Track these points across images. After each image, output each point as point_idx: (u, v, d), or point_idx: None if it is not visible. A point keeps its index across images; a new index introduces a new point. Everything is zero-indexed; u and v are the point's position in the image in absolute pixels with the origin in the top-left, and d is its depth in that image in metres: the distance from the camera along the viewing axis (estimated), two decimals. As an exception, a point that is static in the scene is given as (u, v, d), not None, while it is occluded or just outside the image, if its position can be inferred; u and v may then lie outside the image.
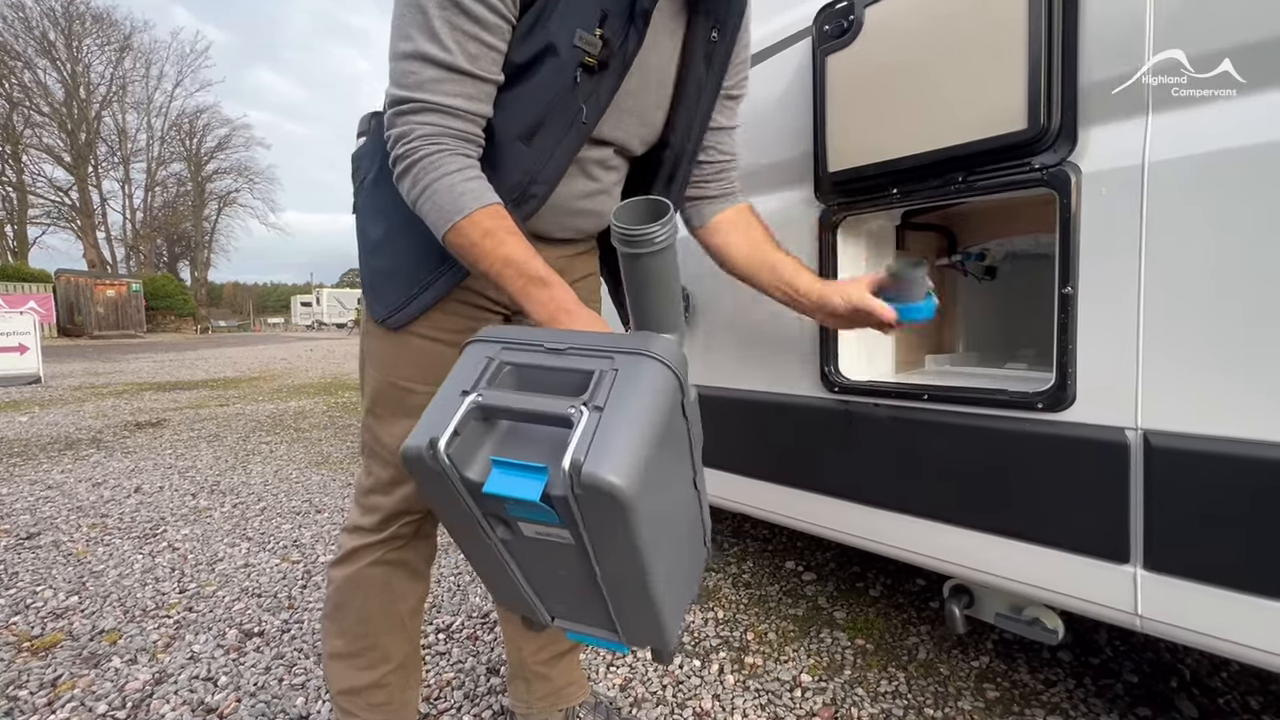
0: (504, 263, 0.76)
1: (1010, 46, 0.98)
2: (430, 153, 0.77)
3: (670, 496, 0.69)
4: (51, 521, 2.65)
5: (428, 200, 0.77)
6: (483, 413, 0.64)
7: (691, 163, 0.99)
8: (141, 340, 23.82)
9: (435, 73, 0.75)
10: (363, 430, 1.00)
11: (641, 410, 0.61)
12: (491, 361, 0.68)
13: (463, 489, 0.64)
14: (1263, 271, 0.80)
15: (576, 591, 0.74)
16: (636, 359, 0.64)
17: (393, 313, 0.90)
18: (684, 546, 0.78)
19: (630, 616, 0.74)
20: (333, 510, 2.78)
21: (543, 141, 0.83)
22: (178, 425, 4.96)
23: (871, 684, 1.41)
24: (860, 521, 1.31)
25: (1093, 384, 0.96)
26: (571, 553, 0.67)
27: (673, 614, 0.75)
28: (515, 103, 0.82)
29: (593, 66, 0.80)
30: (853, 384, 1.29)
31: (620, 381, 0.62)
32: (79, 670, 1.53)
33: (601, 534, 0.63)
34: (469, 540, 0.74)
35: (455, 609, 1.83)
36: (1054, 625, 1.13)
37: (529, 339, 0.70)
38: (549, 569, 0.73)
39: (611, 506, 0.58)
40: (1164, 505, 0.89)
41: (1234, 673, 1.41)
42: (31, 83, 32.94)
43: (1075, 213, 0.95)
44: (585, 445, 0.57)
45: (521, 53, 0.79)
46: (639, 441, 0.59)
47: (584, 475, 0.56)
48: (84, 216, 35.88)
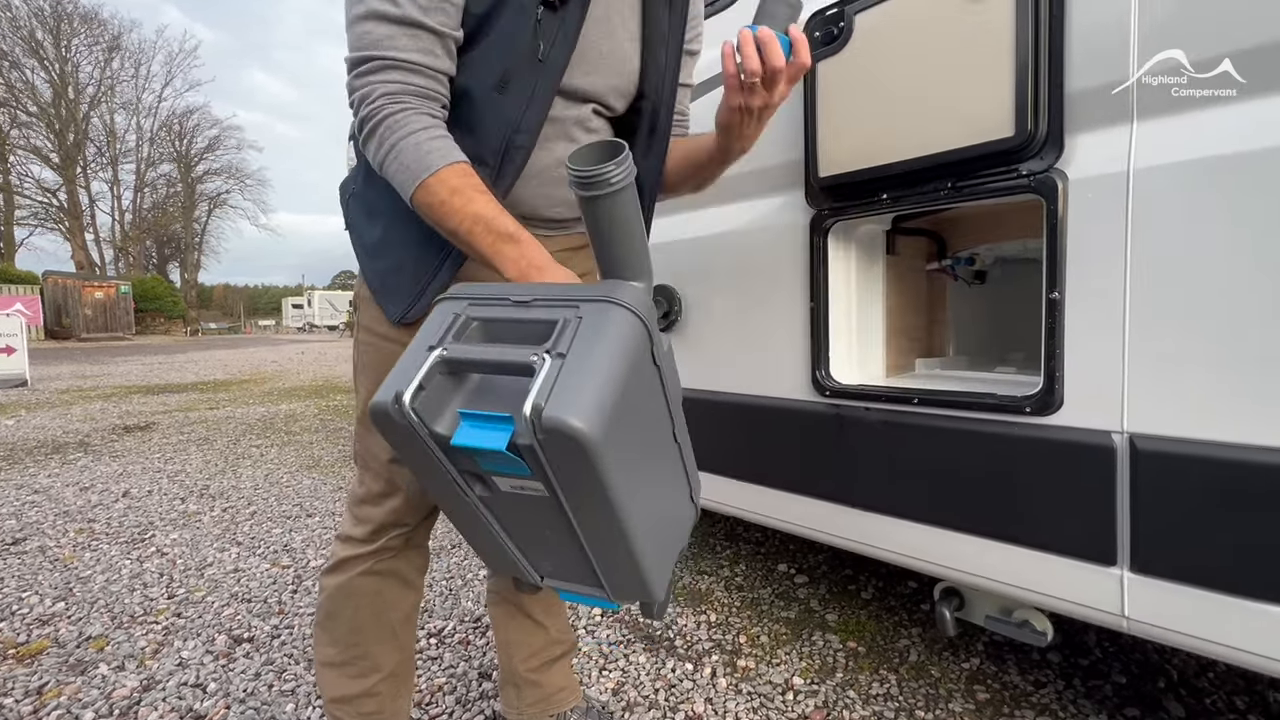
0: (473, 220, 0.75)
1: (997, 54, 0.99)
2: (394, 112, 0.76)
3: (644, 446, 0.69)
4: (38, 526, 2.62)
5: (394, 161, 0.77)
6: (448, 366, 0.64)
7: (670, 113, 0.99)
8: (130, 343, 23.60)
9: (388, 28, 0.76)
10: (355, 440, 1.00)
11: (604, 355, 0.60)
12: (458, 317, 0.67)
13: (433, 444, 0.64)
14: (1247, 275, 0.81)
15: (560, 548, 0.74)
16: (601, 306, 0.64)
17: (410, 305, 0.89)
18: (666, 499, 0.78)
19: (615, 571, 0.74)
20: (324, 514, 2.77)
21: (517, 87, 0.82)
22: (167, 428, 4.92)
23: (863, 686, 1.42)
24: (851, 525, 1.31)
25: (1080, 388, 0.97)
26: (548, 505, 0.67)
27: (657, 567, 0.74)
28: (483, 55, 0.82)
29: (553, 3, 0.81)
30: (843, 388, 1.30)
31: (584, 328, 0.62)
32: (65, 677, 1.52)
33: (571, 482, 0.62)
34: (449, 501, 0.74)
35: (447, 614, 1.82)
36: (1043, 627, 1.14)
37: (496, 293, 0.70)
38: (530, 525, 0.74)
39: (576, 451, 0.57)
40: (1150, 508, 0.90)
41: (1220, 673, 1.43)
42: (18, 82, 32.64)
43: (1062, 219, 0.96)
44: (547, 391, 0.57)
45: (481, 3, 0.80)
46: (601, 385, 0.59)
47: (545, 419, 0.56)
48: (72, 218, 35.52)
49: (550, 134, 0.88)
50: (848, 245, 1.36)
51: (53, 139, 34.57)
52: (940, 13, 1.06)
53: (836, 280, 1.34)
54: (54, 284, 25.45)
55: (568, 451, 0.58)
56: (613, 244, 0.71)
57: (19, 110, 32.81)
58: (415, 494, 0.96)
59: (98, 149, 38.05)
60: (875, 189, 1.21)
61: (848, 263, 1.36)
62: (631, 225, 0.70)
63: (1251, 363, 0.81)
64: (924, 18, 1.08)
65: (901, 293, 1.53)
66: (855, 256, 1.38)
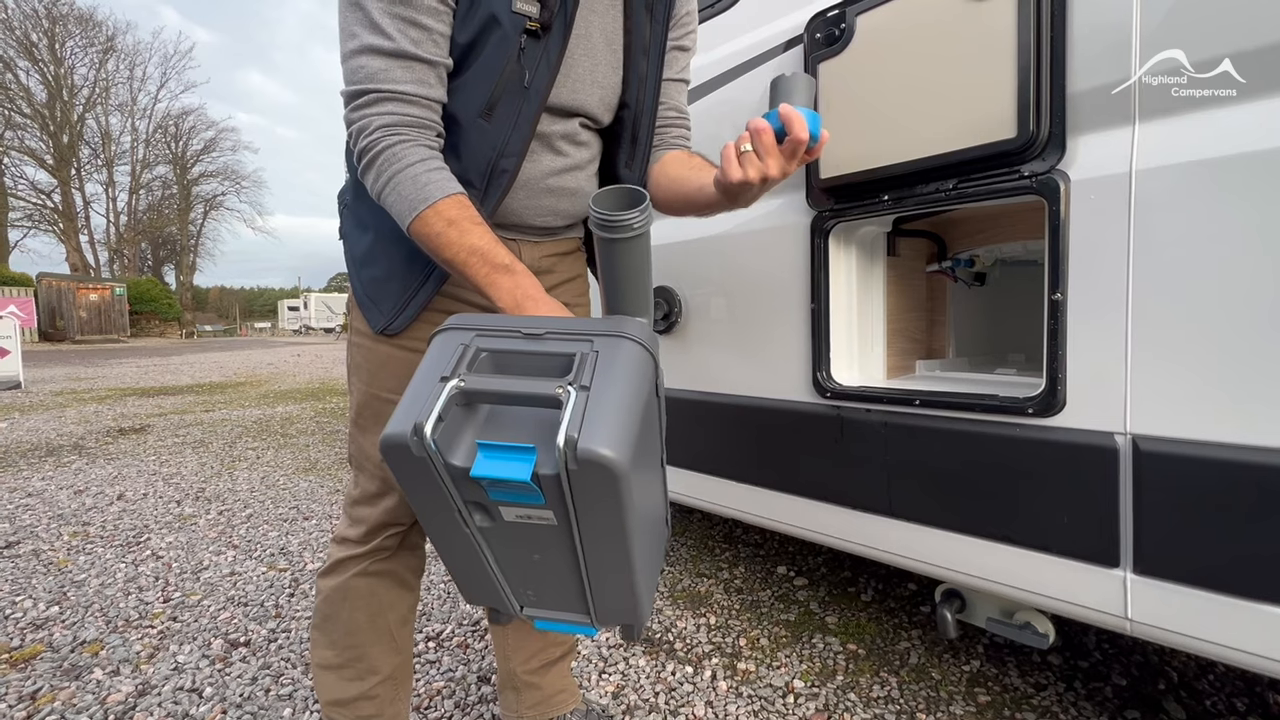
0: (469, 251, 0.77)
1: (1000, 55, 0.99)
2: (391, 144, 0.78)
3: (648, 473, 0.72)
4: (31, 530, 2.60)
5: (392, 192, 0.78)
6: (465, 398, 0.65)
7: (652, 120, 1.00)
8: (125, 345, 23.50)
9: (383, 62, 0.77)
10: (349, 442, 1.00)
11: (626, 388, 0.63)
12: (467, 349, 0.68)
13: (446, 475, 0.64)
14: (1251, 276, 0.81)
15: (551, 575, 0.76)
16: (615, 341, 0.67)
17: (393, 318, 0.91)
18: (654, 523, 0.80)
19: (607, 596, 0.76)
20: (320, 517, 2.75)
21: (502, 113, 0.84)
22: (162, 431, 4.89)
23: (864, 689, 1.41)
24: (852, 526, 1.31)
25: (1082, 389, 0.97)
26: (552, 534, 0.69)
27: (647, 590, 0.77)
28: (469, 83, 0.83)
29: (536, 30, 0.82)
30: (844, 389, 1.30)
31: (602, 362, 0.65)
32: (59, 682, 1.50)
33: (590, 510, 0.64)
34: (442, 531, 0.74)
35: (445, 617, 1.81)
36: (1045, 629, 1.13)
37: (503, 325, 0.71)
38: (524, 555, 0.75)
39: (605, 480, 0.60)
40: (1153, 510, 0.90)
41: (1220, 675, 1.43)
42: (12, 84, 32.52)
43: (1064, 220, 0.96)
44: (578, 422, 0.59)
45: (466, 32, 0.81)
46: (626, 417, 0.62)
47: (580, 451, 0.58)
48: (66, 219, 35.40)
49: (536, 147, 0.90)
50: (848, 246, 1.36)
51: (47, 141, 34.45)
52: (942, 14, 1.06)
53: (837, 281, 1.33)
54: (48, 286, 25.33)
55: (597, 481, 0.60)
56: (623, 282, 0.75)
57: (13, 112, 32.70)
58: None
59: (92, 151, 37.98)
60: (876, 190, 1.21)
61: (848, 264, 1.36)
62: (642, 266, 0.74)
63: (1255, 363, 0.81)
64: (925, 19, 1.08)
65: (902, 294, 1.53)
66: (856, 258, 1.38)
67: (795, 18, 1.33)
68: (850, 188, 1.24)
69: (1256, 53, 0.81)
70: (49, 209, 35.23)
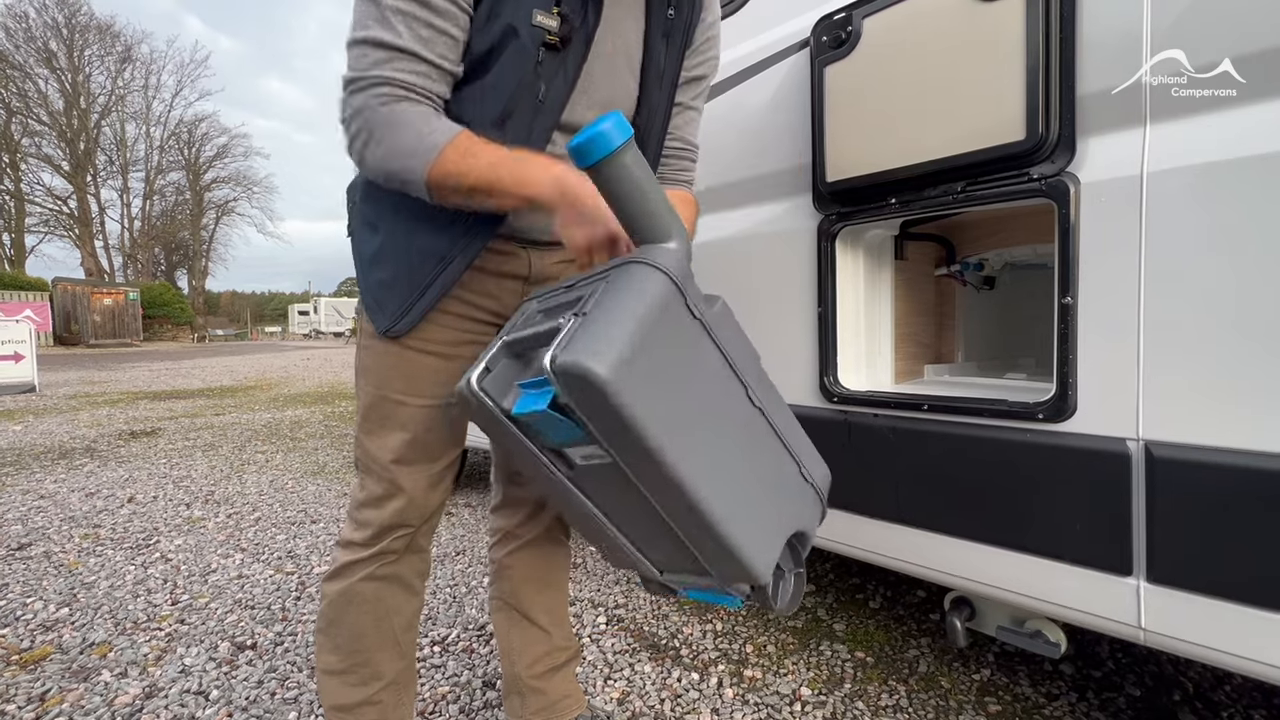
0: (491, 166, 0.77)
1: (1008, 57, 0.98)
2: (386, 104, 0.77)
3: (702, 404, 0.69)
4: (43, 532, 2.62)
5: (394, 159, 0.78)
6: (509, 349, 0.73)
7: (660, 141, 1.00)
8: (138, 349, 23.74)
9: (385, 54, 0.77)
10: (355, 444, 1.00)
11: (620, 306, 0.63)
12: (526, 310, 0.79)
13: (508, 422, 0.70)
14: (1265, 279, 0.80)
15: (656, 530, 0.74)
16: (625, 268, 0.68)
17: (397, 320, 0.90)
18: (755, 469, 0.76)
19: (705, 548, 0.72)
20: (328, 520, 2.76)
21: (516, 126, 0.84)
22: (173, 434, 4.93)
23: (872, 698, 1.40)
24: (860, 533, 1.30)
25: (1094, 394, 0.95)
26: (620, 477, 0.68)
27: (750, 542, 0.71)
28: (484, 92, 0.83)
29: (555, 45, 0.82)
30: (852, 394, 1.29)
31: (607, 289, 0.66)
32: (68, 684, 1.51)
33: (611, 434, 0.63)
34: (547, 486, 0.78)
35: (451, 621, 1.81)
36: (1056, 638, 1.11)
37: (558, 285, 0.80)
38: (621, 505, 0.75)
39: (593, 393, 0.59)
40: (1167, 517, 0.88)
41: (1237, 686, 1.40)
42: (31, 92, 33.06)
43: (1074, 223, 0.95)
44: (564, 344, 0.61)
45: (483, 41, 0.81)
46: (613, 330, 0.60)
47: (557, 364, 0.59)
48: (82, 225, 35.90)
49: None
50: (856, 250, 1.35)
51: (64, 147, 35.00)
52: (949, 15, 1.05)
53: (844, 285, 1.33)
54: (63, 290, 25.65)
55: (588, 396, 0.60)
56: (631, 208, 0.71)
57: (31, 119, 33.23)
58: (418, 495, 0.96)
59: (108, 157, 38.57)
60: (883, 193, 1.20)
61: (856, 268, 1.35)
62: (645, 186, 0.70)
63: (1269, 367, 0.80)
64: (933, 21, 1.07)
65: (910, 298, 1.52)
66: (863, 261, 1.37)
67: (802, 21, 1.32)
68: (857, 191, 1.23)
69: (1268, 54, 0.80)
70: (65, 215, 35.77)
